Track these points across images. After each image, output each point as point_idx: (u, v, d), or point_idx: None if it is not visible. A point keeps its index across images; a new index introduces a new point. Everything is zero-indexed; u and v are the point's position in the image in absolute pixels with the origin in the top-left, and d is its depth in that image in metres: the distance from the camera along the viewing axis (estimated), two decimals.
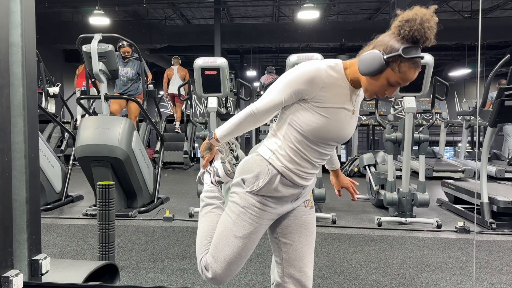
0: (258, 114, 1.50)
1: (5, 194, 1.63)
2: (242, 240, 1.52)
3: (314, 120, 1.43)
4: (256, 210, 1.51)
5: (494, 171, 7.01)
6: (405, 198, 4.35)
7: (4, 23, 1.67)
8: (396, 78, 1.36)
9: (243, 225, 1.52)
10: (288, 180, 1.51)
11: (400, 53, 1.32)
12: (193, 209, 4.57)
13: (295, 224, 1.62)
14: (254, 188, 1.50)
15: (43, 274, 1.81)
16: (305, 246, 1.62)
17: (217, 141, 1.60)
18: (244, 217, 1.52)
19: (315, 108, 1.43)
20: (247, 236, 1.52)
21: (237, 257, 1.53)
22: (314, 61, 1.44)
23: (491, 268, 3.16)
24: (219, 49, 11.07)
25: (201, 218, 1.66)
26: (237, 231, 1.52)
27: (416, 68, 1.36)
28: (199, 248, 1.61)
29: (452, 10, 11.65)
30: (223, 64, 4.41)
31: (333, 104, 1.43)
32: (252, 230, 1.52)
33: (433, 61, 4.05)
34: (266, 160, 1.51)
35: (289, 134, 1.49)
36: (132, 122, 4.62)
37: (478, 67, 10.38)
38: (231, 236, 1.53)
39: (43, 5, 10.27)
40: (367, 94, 1.43)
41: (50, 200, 4.88)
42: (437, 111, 7.93)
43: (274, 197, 1.52)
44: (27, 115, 1.78)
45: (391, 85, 1.38)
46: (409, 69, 1.34)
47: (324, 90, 1.41)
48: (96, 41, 4.46)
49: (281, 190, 1.51)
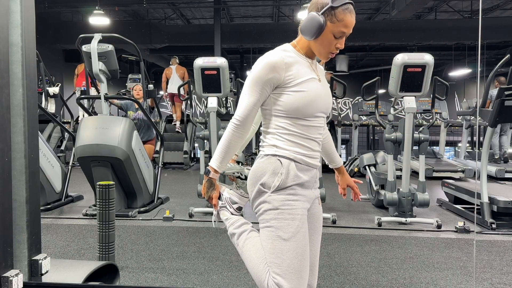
0: (241, 123, 1.50)
1: (5, 194, 1.63)
2: (294, 240, 1.47)
3: (294, 99, 1.48)
4: (290, 203, 1.49)
5: (494, 171, 7.01)
6: (405, 198, 4.35)
7: (4, 23, 1.67)
8: (338, 27, 1.46)
9: (287, 223, 1.48)
10: (302, 164, 1.52)
11: (330, 4, 1.44)
12: (193, 209, 4.57)
13: (310, 222, 1.61)
14: (277, 185, 1.49)
15: (43, 274, 1.81)
16: (315, 245, 1.64)
17: (216, 172, 1.56)
18: (283, 216, 1.48)
19: (289, 89, 1.49)
20: (296, 233, 1.48)
21: (300, 259, 1.48)
22: (266, 53, 1.52)
23: (491, 268, 3.16)
24: (219, 49, 11.06)
25: (243, 248, 1.59)
26: (285, 234, 1.48)
27: (351, 11, 1.46)
28: (259, 276, 1.51)
29: (452, 10, 11.64)
30: (223, 64, 4.41)
31: (302, 78, 1.49)
32: (298, 224, 1.49)
33: (433, 61, 4.05)
34: (273, 156, 1.51)
35: (279, 124, 1.52)
36: (132, 122, 4.62)
37: (478, 67, 10.39)
38: (282, 243, 1.47)
39: (43, 5, 10.26)
40: (322, 57, 1.52)
41: (50, 200, 4.88)
42: (437, 111, 7.93)
43: (298, 184, 1.51)
44: (27, 115, 1.78)
45: (337, 37, 1.48)
46: (345, 15, 1.45)
47: (288, 69, 1.48)
48: (96, 41, 4.46)
49: (301, 175, 1.52)
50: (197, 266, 3.12)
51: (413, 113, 4.26)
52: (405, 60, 4.04)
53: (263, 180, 1.50)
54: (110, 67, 4.58)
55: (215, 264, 3.17)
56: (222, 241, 3.70)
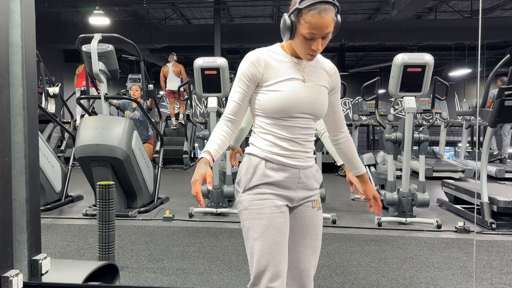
0: (229, 119, 1.52)
1: (5, 194, 1.63)
2: (262, 239, 1.46)
3: (268, 99, 1.48)
4: (257, 203, 1.49)
5: (494, 171, 7.01)
6: (405, 198, 4.35)
7: (4, 23, 1.67)
8: (307, 29, 1.39)
9: (255, 224, 1.48)
10: (274, 163, 1.50)
11: (297, 6, 1.38)
12: (193, 209, 4.57)
13: (300, 226, 1.57)
14: (246, 185, 1.51)
15: (43, 274, 1.81)
16: (307, 249, 1.56)
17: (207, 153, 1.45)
18: (252, 216, 1.49)
19: (267, 88, 1.49)
20: (264, 232, 1.46)
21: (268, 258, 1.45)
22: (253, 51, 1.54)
23: (491, 268, 3.16)
24: (219, 49, 11.06)
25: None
26: (254, 234, 1.48)
27: (320, 12, 1.36)
28: None
29: (452, 10, 11.64)
30: (223, 64, 4.41)
31: (281, 78, 1.48)
32: (265, 224, 1.47)
33: (433, 61, 4.05)
34: (248, 155, 1.55)
35: (258, 123, 1.54)
36: (132, 122, 4.62)
37: (478, 67, 10.36)
38: (253, 243, 1.48)
39: (43, 5, 10.25)
40: (302, 56, 1.49)
41: (50, 200, 4.87)
42: (437, 111, 7.93)
43: (267, 183, 1.49)
44: (27, 115, 1.78)
45: (309, 38, 1.41)
46: (312, 16, 1.37)
47: (267, 68, 1.48)
48: (96, 41, 4.46)
49: (271, 174, 1.50)
50: (197, 266, 3.12)
51: (413, 113, 4.26)
52: (405, 60, 4.04)
53: (237, 179, 1.55)
54: (110, 67, 4.58)
55: (215, 264, 3.17)
56: (222, 241, 3.70)
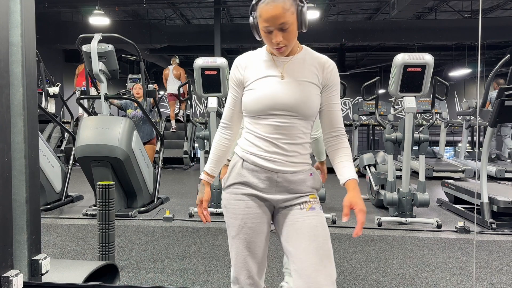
0: (226, 125, 1.60)
1: (5, 194, 1.63)
2: (237, 238, 1.53)
3: (247, 98, 1.52)
4: (232, 203, 1.54)
5: (494, 171, 7.01)
6: (405, 198, 4.35)
7: (4, 23, 1.67)
8: (261, 23, 1.43)
9: (232, 222, 1.54)
10: (251, 164, 1.51)
11: (253, 2, 1.44)
12: (193, 209, 4.57)
13: (293, 230, 1.51)
14: (224, 183, 1.57)
15: (43, 274, 1.81)
16: (309, 253, 1.47)
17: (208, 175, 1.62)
18: (229, 214, 1.55)
19: (247, 88, 1.52)
20: (239, 231, 1.52)
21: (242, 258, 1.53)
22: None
23: (491, 268, 3.16)
24: (219, 49, 11.07)
25: None
26: (232, 232, 1.55)
27: (268, 4, 1.39)
28: None
29: (452, 10, 11.65)
30: (223, 64, 4.41)
31: (257, 76, 1.51)
32: (240, 224, 1.52)
33: (433, 61, 4.05)
34: (233, 154, 1.59)
35: (245, 123, 1.58)
36: (132, 122, 4.62)
37: (478, 67, 10.36)
38: (231, 240, 1.56)
39: (43, 5, 10.25)
40: (275, 51, 1.50)
41: (50, 200, 4.87)
42: (437, 111, 7.93)
43: (241, 182, 1.52)
44: (27, 115, 1.78)
45: (266, 32, 1.44)
46: (262, 9, 1.41)
47: (248, 69, 1.53)
48: (96, 41, 4.46)
49: (246, 174, 1.52)
50: (197, 266, 3.12)
51: (413, 113, 4.26)
52: (405, 60, 4.04)
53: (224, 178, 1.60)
54: (110, 67, 4.58)
55: (215, 264, 3.17)
56: (222, 241, 3.70)
